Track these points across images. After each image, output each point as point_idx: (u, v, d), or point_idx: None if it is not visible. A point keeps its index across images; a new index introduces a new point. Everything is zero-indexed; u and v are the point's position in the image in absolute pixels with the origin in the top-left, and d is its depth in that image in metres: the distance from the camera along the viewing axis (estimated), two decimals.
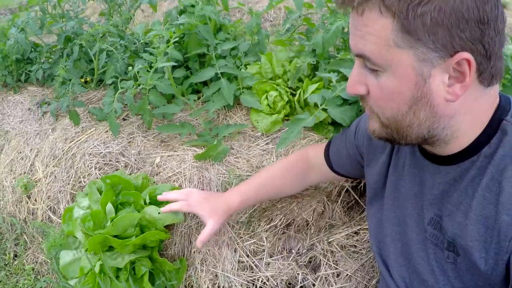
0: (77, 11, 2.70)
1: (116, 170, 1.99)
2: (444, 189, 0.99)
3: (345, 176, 1.59)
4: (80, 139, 2.15)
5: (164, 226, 1.74)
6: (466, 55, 0.80)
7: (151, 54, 1.99)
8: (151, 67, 1.97)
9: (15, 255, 2.28)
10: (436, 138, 0.93)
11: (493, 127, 0.90)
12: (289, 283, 1.65)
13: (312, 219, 1.74)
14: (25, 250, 2.24)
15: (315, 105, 1.87)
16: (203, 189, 1.86)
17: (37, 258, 2.17)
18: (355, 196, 1.83)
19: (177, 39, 2.06)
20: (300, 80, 2.17)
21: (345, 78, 1.82)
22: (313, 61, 2.09)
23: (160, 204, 1.77)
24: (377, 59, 0.85)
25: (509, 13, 4.11)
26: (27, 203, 2.21)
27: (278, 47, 2.34)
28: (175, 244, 1.82)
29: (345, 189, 1.81)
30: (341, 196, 1.81)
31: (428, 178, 1.04)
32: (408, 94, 0.87)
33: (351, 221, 1.80)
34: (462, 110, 0.89)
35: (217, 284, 1.70)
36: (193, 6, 2.14)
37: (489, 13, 0.78)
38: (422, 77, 0.84)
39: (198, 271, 1.74)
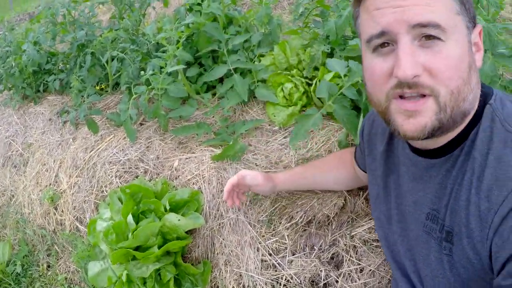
0: (88, 17, 2.78)
1: (136, 177, 2.07)
2: (439, 182, 1.01)
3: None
4: (100, 147, 2.24)
5: (188, 230, 1.81)
6: (481, 26, 0.91)
7: (160, 58, 2.05)
8: (162, 71, 2.02)
9: (48, 266, 2.42)
10: (463, 116, 0.94)
11: (479, 111, 0.95)
12: (312, 281, 1.69)
13: (333, 214, 1.77)
14: (57, 260, 2.36)
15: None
16: (222, 190, 1.92)
17: (69, 267, 2.29)
18: None
19: (186, 37, 2.10)
20: (316, 68, 2.17)
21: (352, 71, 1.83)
22: (327, 49, 2.09)
23: (179, 210, 1.84)
24: (446, 25, 0.85)
25: None
26: (55, 214, 2.33)
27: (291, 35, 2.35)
28: (198, 247, 1.89)
29: None
30: (363, 189, 1.83)
31: (423, 174, 1.06)
32: (467, 60, 0.89)
33: None
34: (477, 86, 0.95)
35: (241, 284, 1.76)
36: (199, 4, 2.17)
37: None
38: (470, 43, 0.91)
39: (222, 272, 1.81)
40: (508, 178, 0.84)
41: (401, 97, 0.90)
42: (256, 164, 1.97)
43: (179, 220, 1.75)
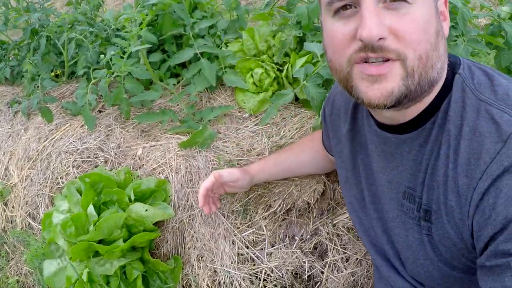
0: (42, 2, 2.48)
1: (96, 167, 1.80)
2: (412, 158, 0.92)
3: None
4: (55, 137, 1.96)
5: (154, 223, 1.56)
6: None
7: (123, 38, 1.80)
8: (124, 52, 1.77)
9: None
10: (430, 85, 0.84)
11: (448, 81, 0.88)
12: (296, 273, 1.49)
13: (314, 201, 1.57)
14: (7, 261, 2.04)
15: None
16: (191, 179, 1.69)
17: (21, 269, 1.98)
18: None
19: (151, 19, 1.87)
20: (286, 54, 1.99)
21: None
22: (299, 34, 1.92)
23: (145, 200, 1.59)
24: None
25: None
26: (5, 211, 2.01)
27: (259, 22, 2.16)
28: (167, 242, 1.64)
29: None
30: None
31: (394, 151, 0.97)
32: (434, 25, 0.80)
33: None
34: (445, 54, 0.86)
35: (217, 280, 1.53)
36: None
37: None
38: (436, 9, 0.82)
39: (195, 269, 1.57)
40: (485, 149, 0.77)
41: (365, 62, 0.80)
42: (227, 152, 1.76)
43: (146, 210, 1.50)
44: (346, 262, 1.47)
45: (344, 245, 1.50)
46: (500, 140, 0.75)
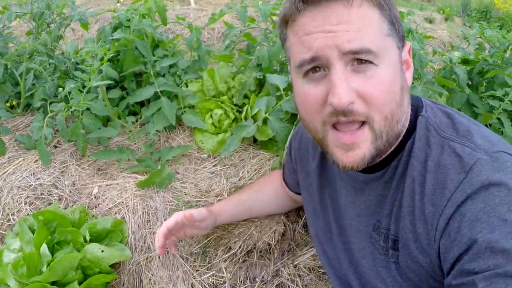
0: (1, 30, 2.37)
1: (49, 204, 1.70)
2: (380, 193, 0.96)
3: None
4: (7, 170, 1.84)
5: (110, 265, 1.48)
6: (410, 44, 0.91)
7: (83, 72, 1.74)
8: (84, 86, 1.71)
9: None
10: (397, 137, 0.90)
11: (412, 123, 0.92)
12: None
13: (275, 242, 1.54)
14: None
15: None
16: (149, 220, 1.63)
17: None
18: None
19: (112, 55, 1.82)
20: (246, 96, 1.99)
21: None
22: (260, 75, 1.93)
23: (102, 240, 1.51)
24: (379, 50, 0.79)
25: (436, 26, 4.18)
26: None
27: (220, 63, 2.16)
28: (123, 285, 1.55)
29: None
30: (301, 216, 1.63)
31: (362, 188, 1.01)
32: (399, 82, 0.84)
33: None
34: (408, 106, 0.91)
35: None
36: (129, 20, 1.90)
37: None
38: (401, 64, 0.86)
39: None
40: (449, 180, 0.81)
41: (336, 125, 0.84)
42: (185, 193, 1.72)
43: (102, 251, 1.41)
44: None
45: (306, 286, 1.46)
46: (463, 171, 0.80)
